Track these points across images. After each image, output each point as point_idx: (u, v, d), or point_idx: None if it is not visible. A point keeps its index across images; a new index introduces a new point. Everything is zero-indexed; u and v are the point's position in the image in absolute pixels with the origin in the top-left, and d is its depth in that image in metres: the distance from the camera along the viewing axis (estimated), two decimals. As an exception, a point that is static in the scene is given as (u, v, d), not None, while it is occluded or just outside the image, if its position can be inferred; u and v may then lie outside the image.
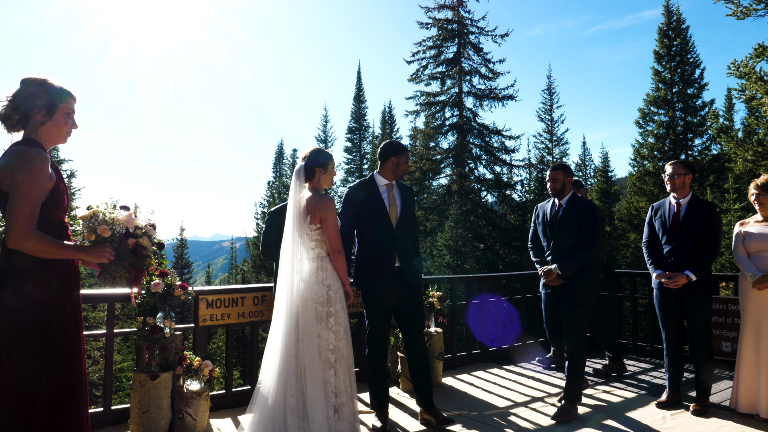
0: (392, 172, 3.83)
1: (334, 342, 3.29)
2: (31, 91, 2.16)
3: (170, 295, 3.78)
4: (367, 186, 3.81)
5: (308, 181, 3.44)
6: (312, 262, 3.35)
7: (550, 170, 4.18)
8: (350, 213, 3.76)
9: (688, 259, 4.00)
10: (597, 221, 3.99)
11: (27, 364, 2.01)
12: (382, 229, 3.71)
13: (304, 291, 3.30)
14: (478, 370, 5.40)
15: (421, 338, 3.87)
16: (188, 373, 3.68)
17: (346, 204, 3.80)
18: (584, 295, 3.96)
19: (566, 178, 4.12)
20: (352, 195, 3.81)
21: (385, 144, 3.89)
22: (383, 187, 3.81)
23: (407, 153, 3.90)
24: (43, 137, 2.19)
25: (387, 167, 3.83)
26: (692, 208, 4.08)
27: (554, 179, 4.12)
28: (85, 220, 2.22)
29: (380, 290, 3.67)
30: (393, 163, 3.81)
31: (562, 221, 4.06)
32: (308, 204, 3.36)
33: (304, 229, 3.35)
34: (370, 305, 3.75)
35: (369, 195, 3.76)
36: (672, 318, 4.16)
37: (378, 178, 3.85)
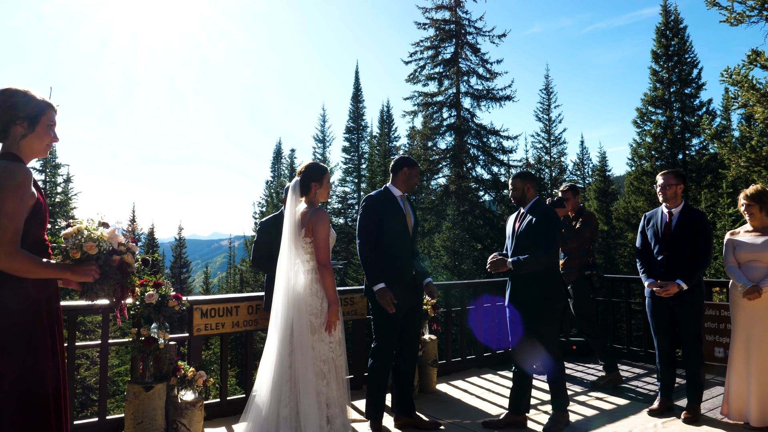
0: (404, 183, 3.89)
1: (328, 353, 3.32)
2: (13, 102, 2.08)
3: (164, 305, 3.80)
4: (386, 196, 3.87)
5: (304, 195, 3.47)
6: (307, 274, 3.38)
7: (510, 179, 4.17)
8: (373, 221, 3.77)
9: (680, 269, 4.02)
10: (552, 227, 3.80)
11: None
12: (402, 240, 3.79)
13: (299, 302, 3.32)
14: (472, 376, 5.43)
15: (416, 346, 4.02)
16: (182, 383, 3.70)
17: (368, 211, 3.78)
18: (544, 305, 3.83)
19: (525, 185, 4.00)
20: (374, 203, 3.82)
21: (397, 157, 3.99)
22: (399, 198, 3.88)
23: (418, 167, 4.00)
24: (24, 150, 2.12)
25: (399, 178, 3.89)
26: (684, 217, 4.11)
27: (513, 187, 4.05)
28: (68, 238, 2.15)
29: (398, 301, 3.72)
30: (405, 174, 3.87)
31: (522, 228, 3.94)
32: (303, 217, 3.39)
33: (299, 241, 3.38)
34: (384, 315, 3.74)
35: (389, 205, 3.83)
36: (664, 326, 4.20)
37: (393, 190, 3.90)
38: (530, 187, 4.01)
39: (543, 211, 3.88)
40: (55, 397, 2.14)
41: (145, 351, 3.60)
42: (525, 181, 4.01)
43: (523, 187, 4.00)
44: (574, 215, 5.29)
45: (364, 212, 3.81)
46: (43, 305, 2.09)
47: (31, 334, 2.04)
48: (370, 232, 3.75)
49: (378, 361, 3.78)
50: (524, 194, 4.00)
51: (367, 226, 3.76)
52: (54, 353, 2.14)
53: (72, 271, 2.12)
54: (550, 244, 3.78)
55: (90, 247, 2.14)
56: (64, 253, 2.17)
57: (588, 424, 4.04)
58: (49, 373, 2.11)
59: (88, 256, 2.16)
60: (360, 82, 35.25)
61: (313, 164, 3.51)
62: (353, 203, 32.27)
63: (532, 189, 4.01)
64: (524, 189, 4.00)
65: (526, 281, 3.86)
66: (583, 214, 5.26)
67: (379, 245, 3.77)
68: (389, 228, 3.78)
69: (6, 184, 1.95)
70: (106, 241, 2.23)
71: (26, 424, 2.01)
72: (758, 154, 5.57)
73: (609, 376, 5.08)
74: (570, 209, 5.28)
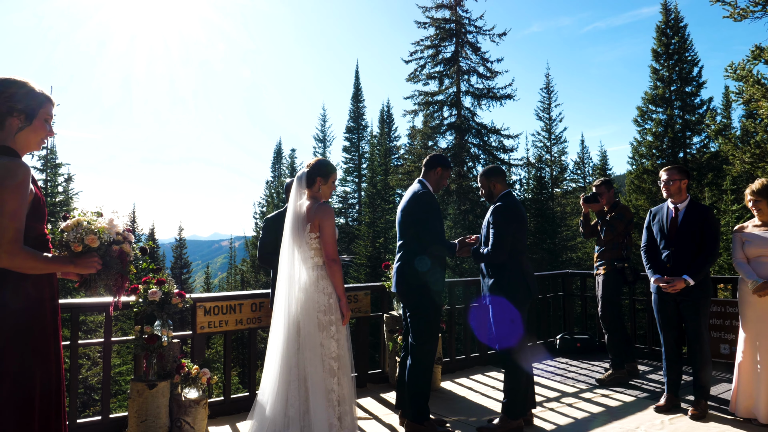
0: (436, 182, 3.88)
1: (337, 350, 3.29)
2: (10, 93, 2.01)
3: (168, 303, 3.77)
4: (435, 199, 3.87)
5: (308, 188, 3.44)
6: (312, 270, 3.34)
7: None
8: (439, 216, 3.78)
9: (686, 264, 4.00)
10: (498, 222, 3.70)
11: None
12: (442, 238, 3.78)
13: (305, 300, 3.29)
14: (477, 374, 5.41)
15: None
16: (186, 381, 3.67)
17: (435, 207, 3.76)
18: (494, 305, 3.79)
19: (490, 182, 3.94)
20: (435, 201, 3.81)
21: (433, 155, 3.96)
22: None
23: (451, 169, 3.99)
24: (20, 144, 2.05)
25: (431, 177, 3.88)
26: (690, 212, 4.08)
27: (481, 186, 4.03)
28: (68, 231, 2.13)
29: (441, 297, 3.81)
30: (438, 174, 3.86)
31: (485, 223, 3.93)
32: (308, 212, 3.36)
33: (303, 237, 3.35)
34: (437, 312, 3.77)
35: (437, 202, 3.84)
36: (670, 322, 4.17)
37: (430, 188, 3.87)
38: (496, 183, 3.96)
39: (496, 206, 3.81)
40: (57, 396, 2.11)
41: (149, 348, 3.57)
42: (490, 178, 3.97)
43: (489, 184, 3.96)
44: (608, 209, 5.25)
45: (430, 208, 3.74)
46: (46, 303, 2.07)
47: (33, 333, 2.02)
48: (439, 230, 3.74)
49: (431, 362, 3.73)
50: (491, 191, 3.96)
51: (435, 223, 3.72)
52: (56, 353, 2.12)
53: (75, 264, 2.10)
54: (493, 243, 3.69)
55: (92, 240, 2.12)
56: (65, 246, 2.14)
57: (594, 421, 4.01)
58: (51, 373, 2.09)
59: (89, 248, 2.13)
60: (360, 81, 35.24)
61: (324, 160, 3.50)
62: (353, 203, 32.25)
63: (498, 185, 3.95)
64: (490, 186, 3.96)
65: (487, 275, 3.87)
66: (617, 207, 5.22)
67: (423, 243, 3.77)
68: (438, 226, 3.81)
69: (6, 184, 1.91)
70: (106, 232, 2.21)
71: (27, 424, 1.99)
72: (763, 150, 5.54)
73: (615, 373, 5.05)
74: (605, 203, 5.24)
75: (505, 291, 3.74)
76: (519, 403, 3.74)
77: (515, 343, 3.74)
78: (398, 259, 3.82)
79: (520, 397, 3.74)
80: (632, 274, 5.11)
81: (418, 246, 3.72)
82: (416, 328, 3.73)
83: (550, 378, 5.25)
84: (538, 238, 24.39)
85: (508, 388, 3.76)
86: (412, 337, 3.75)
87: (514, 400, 3.73)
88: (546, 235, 24.66)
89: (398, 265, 3.80)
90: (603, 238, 5.15)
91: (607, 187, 5.31)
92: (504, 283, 3.74)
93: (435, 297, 3.72)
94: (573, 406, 4.37)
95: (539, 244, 24.25)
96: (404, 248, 3.80)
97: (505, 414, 3.75)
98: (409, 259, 3.74)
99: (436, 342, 3.79)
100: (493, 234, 3.71)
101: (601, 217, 5.21)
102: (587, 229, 5.40)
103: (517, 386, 3.73)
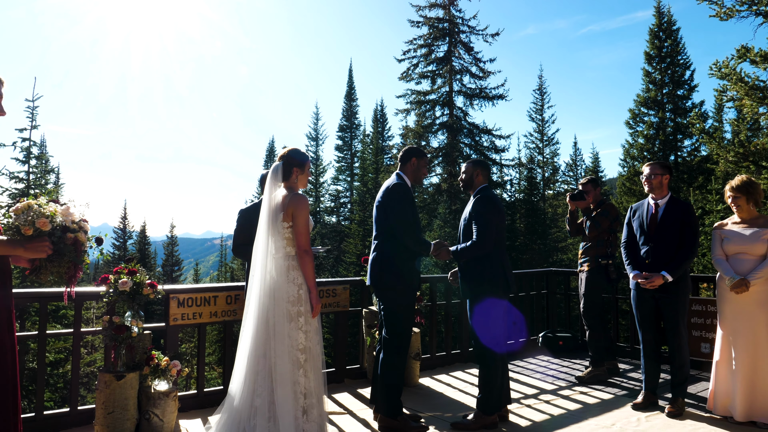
0: (413, 174, 3.82)
1: (305, 342, 3.23)
2: None
3: (139, 293, 3.70)
4: (411, 190, 3.80)
5: (285, 180, 3.38)
6: (284, 260, 3.29)
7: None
8: (413, 209, 3.72)
9: (665, 260, 3.97)
10: (483, 213, 3.66)
11: None
12: (416, 230, 3.71)
13: (275, 290, 3.23)
14: (457, 371, 5.36)
15: None
16: (156, 373, 3.60)
17: (408, 197, 3.68)
18: (474, 297, 3.75)
19: (475, 171, 3.87)
20: (409, 191, 3.73)
21: (406, 147, 3.90)
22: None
23: (427, 158, 3.92)
24: None
25: (408, 169, 3.82)
26: (670, 208, 4.06)
27: (464, 171, 3.94)
28: (19, 213, 2.06)
29: (417, 289, 3.81)
30: (414, 164, 3.80)
31: (465, 216, 3.83)
32: (282, 201, 3.31)
33: (277, 227, 3.29)
34: (410, 306, 3.72)
35: (413, 196, 3.77)
36: (649, 319, 4.14)
37: (406, 180, 3.80)
38: (480, 173, 3.90)
39: (479, 197, 3.77)
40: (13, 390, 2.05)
41: (117, 339, 3.50)
42: (476, 167, 3.91)
43: (473, 172, 3.90)
44: (594, 206, 5.23)
45: (403, 197, 3.65)
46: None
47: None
48: (410, 218, 3.65)
49: (407, 345, 3.70)
50: (472, 179, 3.90)
51: (407, 212, 3.63)
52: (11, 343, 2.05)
53: (25, 248, 2.03)
54: (480, 232, 3.65)
55: (43, 224, 2.04)
56: (14, 230, 2.06)
57: (570, 418, 3.98)
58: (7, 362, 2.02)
59: (40, 232, 2.06)
60: (354, 80, 35.22)
61: (295, 150, 3.43)
62: (345, 201, 32.17)
63: (481, 176, 3.90)
64: (473, 174, 3.90)
65: (463, 270, 3.82)
66: (603, 204, 5.20)
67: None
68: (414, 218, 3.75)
69: None
70: (61, 217, 2.13)
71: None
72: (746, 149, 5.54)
73: (595, 371, 5.02)
74: (591, 202, 5.22)
75: (485, 284, 3.70)
76: (494, 398, 3.70)
77: (503, 342, 3.74)
78: (373, 250, 3.77)
79: (495, 393, 3.70)
80: (616, 272, 5.09)
81: (392, 238, 3.67)
82: (389, 322, 3.68)
83: (530, 375, 5.21)
84: (528, 238, 24.43)
85: (483, 384, 3.72)
86: (385, 331, 3.70)
87: (488, 396, 3.69)
88: (536, 236, 24.70)
89: (372, 258, 3.75)
90: (587, 234, 5.12)
91: (593, 185, 5.28)
92: (485, 276, 3.70)
93: (408, 290, 3.67)
94: (550, 403, 4.34)
95: (529, 244, 24.28)
96: (378, 240, 3.74)
97: (480, 410, 3.71)
98: (382, 251, 3.69)
99: (409, 336, 3.74)
100: (479, 224, 3.67)
101: (587, 215, 5.19)
102: (573, 227, 5.38)
103: (492, 381, 3.69)
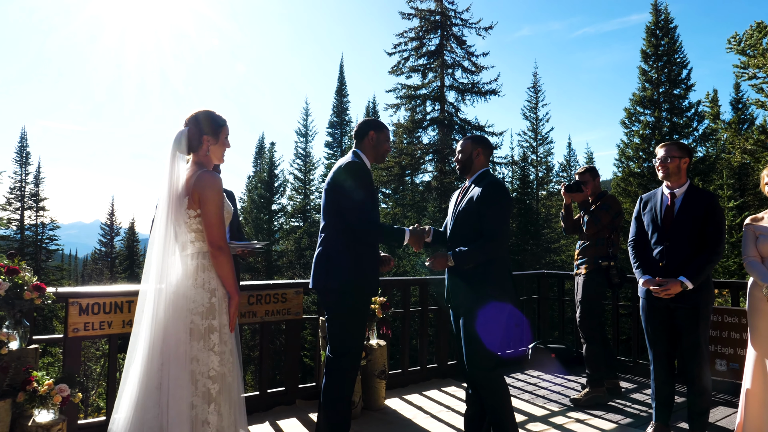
0: (372, 150, 3.05)
1: (218, 367, 2.44)
2: None
3: (18, 298, 2.91)
4: (368, 169, 2.99)
5: (191, 152, 2.59)
6: (191, 259, 2.50)
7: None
8: (371, 192, 2.92)
9: (684, 263, 3.22)
10: (500, 203, 2.90)
11: None
12: (374, 218, 2.96)
13: (178, 297, 2.44)
14: (432, 389, 4.58)
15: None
16: (33, 400, 2.80)
17: (364, 176, 2.90)
18: (476, 307, 2.91)
19: (475, 149, 3.09)
20: (366, 170, 2.95)
21: (362, 120, 3.12)
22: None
23: (388, 131, 3.12)
24: None
25: (366, 145, 3.04)
26: (689, 199, 3.31)
27: (461, 149, 3.14)
28: None
29: (372, 294, 3.05)
30: (372, 139, 3.03)
31: (463, 205, 3.01)
32: (187, 183, 2.51)
33: (181, 215, 2.50)
34: (362, 314, 2.97)
35: (370, 177, 2.98)
36: (662, 335, 3.38)
37: (365, 159, 3.03)
38: (481, 152, 3.11)
39: (489, 182, 2.97)
40: None
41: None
42: (476, 145, 3.11)
43: (474, 152, 3.10)
44: (593, 200, 4.48)
45: (357, 176, 2.87)
46: None
47: None
48: (368, 203, 2.88)
49: (353, 376, 2.93)
50: (471, 159, 3.10)
51: (363, 194, 2.86)
52: None
53: None
54: (497, 227, 2.88)
55: None
56: None
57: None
58: None
59: None
60: (344, 75, 34.44)
61: (207, 111, 2.63)
62: (334, 199, 31.28)
63: (482, 156, 3.11)
64: (473, 153, 3.10)
65: (462, 275, 2.95)
66: (604, 197, 4.45)
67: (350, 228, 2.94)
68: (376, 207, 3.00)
69: None
70: None
71: None
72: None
73: (593, 392, 4.26)
74: (590, 193, 4.47)
75: (491, 287, 2.90)
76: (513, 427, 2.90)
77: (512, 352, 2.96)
78: (318, 245, 2.99)
79: (511, 420, 2.91)
80: (618, 276, 4.33)
81: (343, 230, 2.89)
82: (333, 336, 2.91)
83: (518, 396, 4.44)
84: (520, 239, 23.76)
85: (496, 418, 2.88)
86: (329, 348, 2.92)
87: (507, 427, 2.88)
88: (529, 236, 24.04)
89: (316, 254, 2.97)
90: (585, 231, 4.37)
91: (592, 175, 4.53)
92: (491, 280, 2.90)
93: (357, 296, 2.89)
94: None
95: (521, 245, 23.61)
96: (326, 232, 2.96)
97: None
98: (329, 246, 2.92)
99: (358, 354, 2.96)
100: (494, 218, 2.87)
101: (584, 209, 4.43)
102: (569, 223, 4.62)
103: (504, 409, 2.88)
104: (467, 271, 2.93)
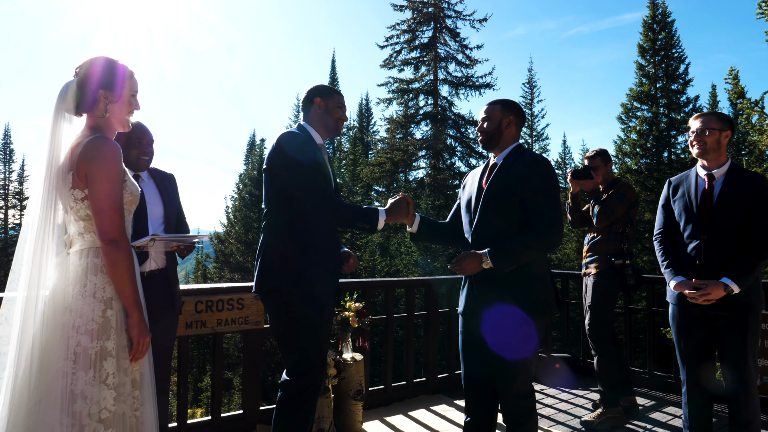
0: (320, 120, 2.44)
1: (112, 407, 1.77)
2: None
3: None
4: (313, 141, 2.38)
5: (85, 113, 1.92)
6: (79, 258, 1.84)
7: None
8: (321, 166, 2.31)
9: (726, 261, 2.59)
10: (552, 184, 2.26)
11: None
12: (328, 195, 2.34)
13: (57, 311, 1.78)
14: (419, 408, 3.94)
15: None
16: None
17: (307, 148, 2.28)
18: (527, 316, 2.27)
19: (506, 117, 2.38)
20: (310, 140, 2.36)
21: (308, 88, 2.50)
22: (320, 147, 2.41)
23: (339, 95, 2.49)
24: None
25: (312, 115, 2.44)
26: (731, 182, 2.68)
27: (488, 117, 2.40)
28: None
29: (326, 295, 2.33)
30: (320, 107, 2.43)
31: (497, 188, 2.32)
32: (72, 152, 1.84)
33: (64, 197, 1.84)
34: (316, 322, 2.28)
35: (319, 154, 2.33)
36: (698, 349, 2.75)
37: (313, 134, 2.42)
38: (513, 122, 2.38)
39: (537, 158, 2.29)
40: None
41: None
42: (507, 112, 2.38)
43: (503, 119, 2.37)
44: (605, 188, 3.86)
45: (302, 147, 2.27)
46: None
47: None
48: (319, 181, 2.27)
49: (313, 389, 2.28)
50: (500, 130, 2.36)
51: (312, 171, 2.26)
52: None
53: None
54: (556, 214, 2.23)
55: None
56: None
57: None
58: None
59: None
60: (336, 71, 33.79)
61: (105, 58, 1.96)
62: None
63: (514, 127, 2.39)
64: (503, 122, 2.37)
65: (496, 281, 2.24)
66: (617, 185, 3.83)
67: (302, 214, 2.30)
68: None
69: None
70: None
71: None
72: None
73: (607, 412, 3.63)
74: (600, 181, 3.85)
75: (536, 296, 2.25)
76: None
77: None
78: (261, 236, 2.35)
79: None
80: (634, 276, 3.70)
81: (283, 217, 2.25)
82: (285, 354, 2.28)
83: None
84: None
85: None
86: (286, 371, 2.29)
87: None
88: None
89: (259, 250, 2.32)
90: (596, 224, 3.74)
91: (603, 160, 3.91)
92: (536, 285, 2.26)
93: (305, 299, 2.24)
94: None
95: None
96: (266, 220, 2.32)
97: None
98: (266, 239, 2.29)
99: (320, 374, 2.31)
100: (551, 202, 2.22)
101: (594, 198, 3.80)
102: (576, 215, 4.00)
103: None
104: (510, 277, 2.21)
